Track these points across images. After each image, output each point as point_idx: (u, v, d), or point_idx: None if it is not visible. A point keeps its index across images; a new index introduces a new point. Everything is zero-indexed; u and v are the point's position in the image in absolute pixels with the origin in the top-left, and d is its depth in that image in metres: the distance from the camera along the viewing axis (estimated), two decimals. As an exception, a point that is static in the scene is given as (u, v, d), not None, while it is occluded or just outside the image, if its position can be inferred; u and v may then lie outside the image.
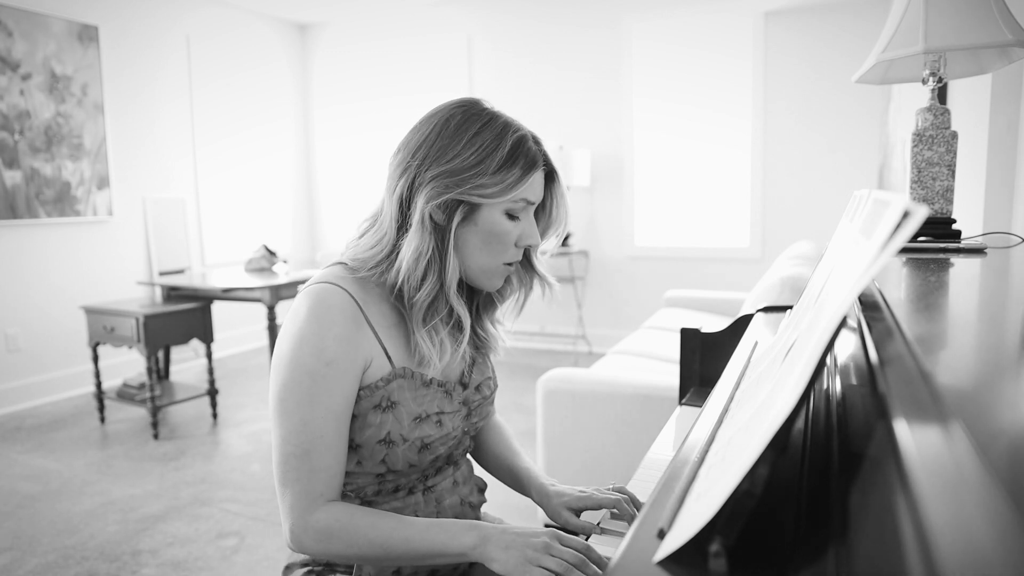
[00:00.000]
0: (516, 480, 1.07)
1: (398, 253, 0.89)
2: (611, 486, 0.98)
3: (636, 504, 0.95)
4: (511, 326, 1.07)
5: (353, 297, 0.87)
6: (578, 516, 0.97)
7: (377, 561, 0.84)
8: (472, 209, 0.87)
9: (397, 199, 0.89)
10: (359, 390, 0.87)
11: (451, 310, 0.91)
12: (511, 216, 0.89)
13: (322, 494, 0.84)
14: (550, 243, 1.00)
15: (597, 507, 0.95)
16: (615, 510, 0.94)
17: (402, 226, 0.89)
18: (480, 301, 1.03)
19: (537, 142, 0.91)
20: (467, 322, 0.92)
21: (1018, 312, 0.65)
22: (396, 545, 0.82)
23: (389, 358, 0.89)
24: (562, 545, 0.77)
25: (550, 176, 0.94)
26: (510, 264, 0.93)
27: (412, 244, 0.86)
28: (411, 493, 0.94)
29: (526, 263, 1.00)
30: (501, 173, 0.85)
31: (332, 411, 0.84)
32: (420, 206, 0.86)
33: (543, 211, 0.97)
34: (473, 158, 0.85)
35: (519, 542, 0.78)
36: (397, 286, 0.89)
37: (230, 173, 5.09)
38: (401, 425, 0.88)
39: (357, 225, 0.96)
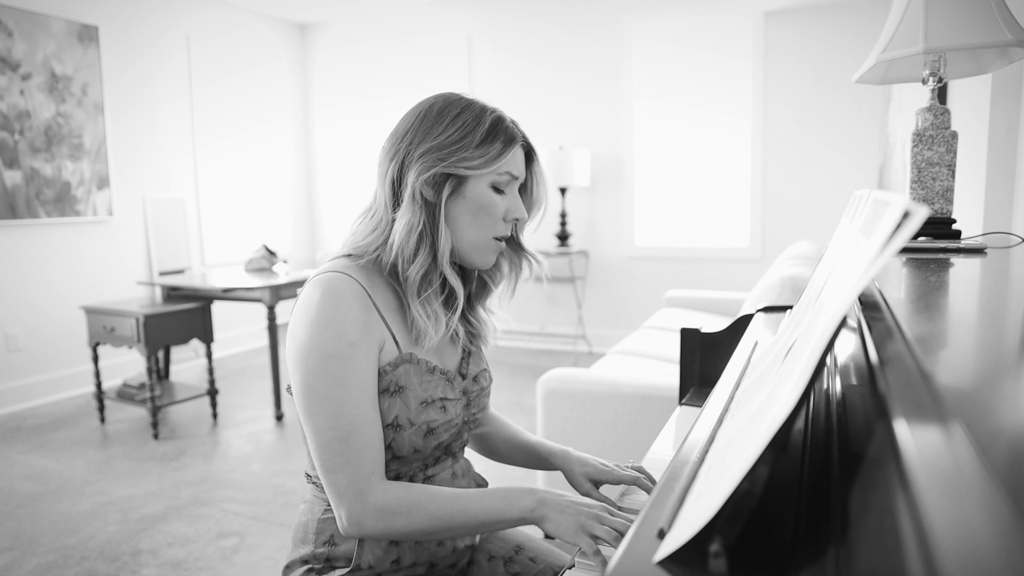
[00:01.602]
0: (534, 453, 1.10)
1: (392, 230, 0.93)
2: (630, 463, 1.03)
3: (653, 482, 0.99)
4: (505, 316, 1.10)
5: (361, 284, 0.89)
6: (597, 488, 1.02)
7: (437, 534, 0.86)
8: (460, 182, 0.92)
9: (389, 182, 0.93)
10: None
11: (443, 283, 0.95)
12: (497, 189, 0.94)
13: (373, 472, 0.86)
14: (532, 222, 1.05)
15: (616, 482, 1.00)
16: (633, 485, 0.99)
17: (396, 207, 0.93)
18: (472, 290, 1.06)
19: (515, 124, 0.96)
20: (460, 293, 0.95)
21: (1018, 312, 0.65)
22: (456, 516, 0.85)
23: (397, 343, 0.92)
24: (613, 518, 0.82)
25: (529, 158, 1.00)
26: (500, 240, 0.97)
27: (404, 218, 0.91)
28: (411, 482, 0.95)
29: (514, 243, 1.04)
30: (484, 147, 0.91)
31: (364, 390, 0.86)
32: (411, 182, 0.90)
33: (525, 191, 1.02)
34: (457, 134, 0.90)
35: (573, 509, 0.83)
36: (391, 262, 0.92)
37: (230, 173, 5.09)
38: (408, 409, 0.90)
39: (351, 223, 0.99)
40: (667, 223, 4.70)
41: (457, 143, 0.90)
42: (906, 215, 0.40)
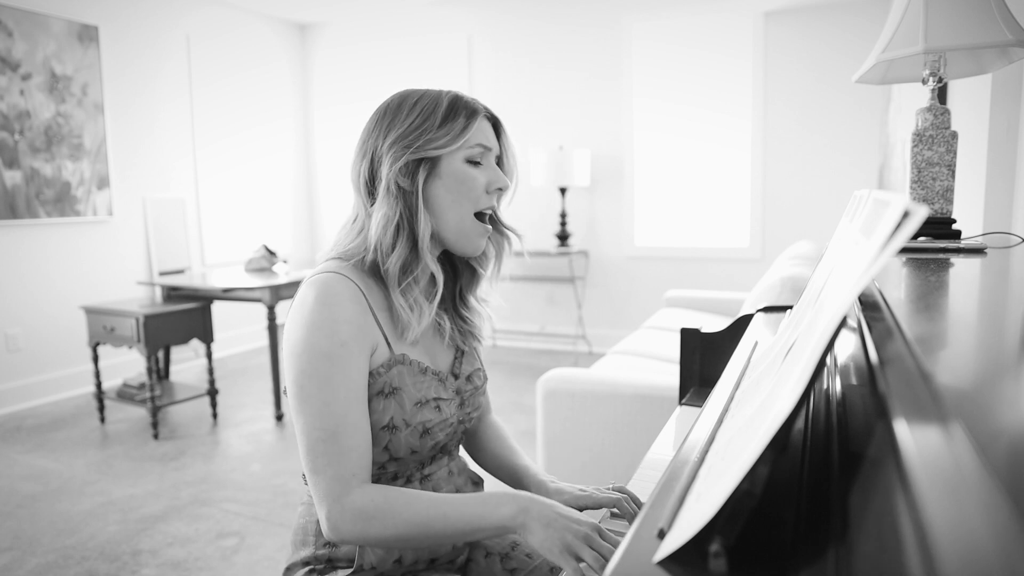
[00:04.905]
0: (515, 478, 1.07)
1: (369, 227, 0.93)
2: (611, 485, 0.98)
3: (636, 503, 0.95)
4: (499, 301, 1.09)
5: (356, 284, 0.90)
6: None
7: (416, 541, 0.84)
8: (434, 164, 0.92)
9: (363, 182, 0.94)
10: None
11: (424, 269, 0.94)
12: (473, 163, 0.94)
13: (355, 475, 0.85)
14: (506, 196, 1.03)
15: (596, 507, 0.94)
16: (615, 510, 0.93)
17: (374, 205, 0.94)
18: (463, 281, 1.05)
19: (475, 100, 0.97)
20: (440, 279, 0.95)
21: (1018, 312, 0.65)
22: (435, 522, 0.82)
23: (389, 345, 0.92)
24: (603, 541, 0.77)
25: (497, 130, 0.99)
26: (484, 217, 0.96)
27: (380, 211, 0.92)
28: (408, 482, 0.96)
29: (493, 222, 1.03)
30: (447, 124, 0.92)
31: (352, 391, 0.86)
32: (384, 175, 0.91)
33: (501, 164, 1.01)
34: (418, 119, 0.91)
35: (561, 523, 0.78)
36: (373, 259, 0.92)
37: (230, 173, 5.09)
38: (404, 410, 0.90)
39: (335, 234, 1.01)
40: (667, 223, 4.70)
41: (420, 127, 0.91)
42: (906, 215, 0.40)
